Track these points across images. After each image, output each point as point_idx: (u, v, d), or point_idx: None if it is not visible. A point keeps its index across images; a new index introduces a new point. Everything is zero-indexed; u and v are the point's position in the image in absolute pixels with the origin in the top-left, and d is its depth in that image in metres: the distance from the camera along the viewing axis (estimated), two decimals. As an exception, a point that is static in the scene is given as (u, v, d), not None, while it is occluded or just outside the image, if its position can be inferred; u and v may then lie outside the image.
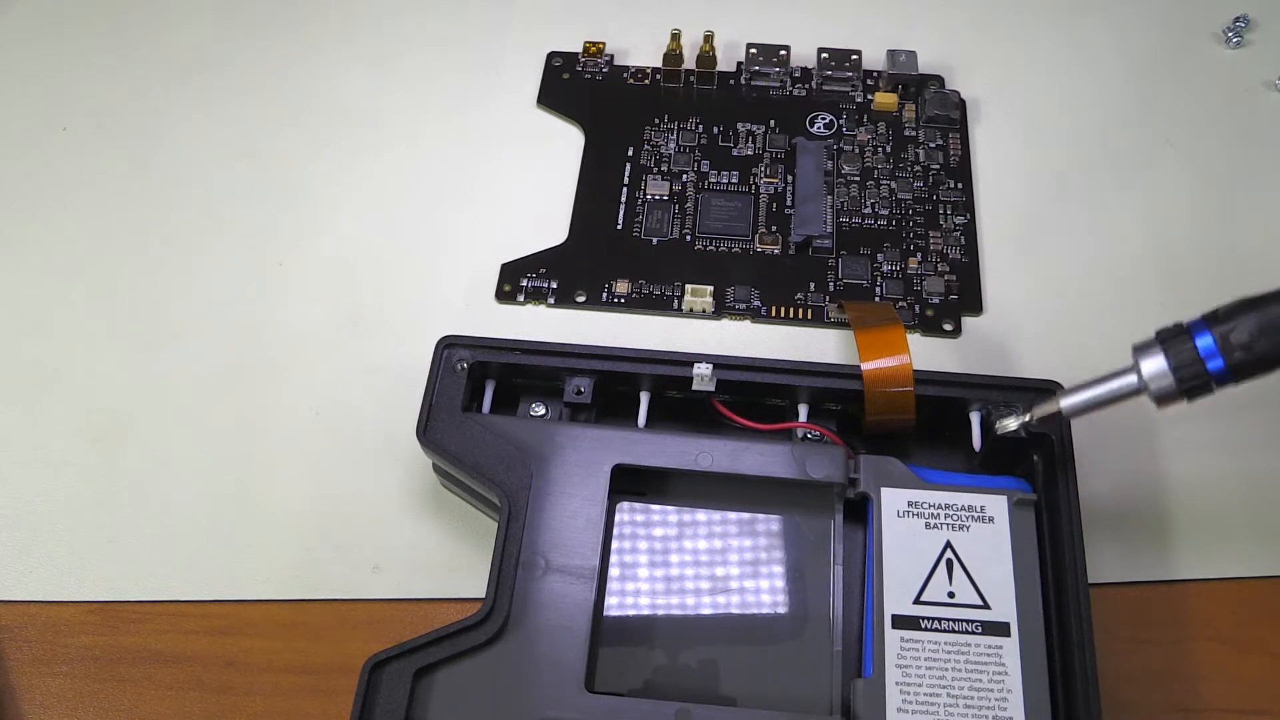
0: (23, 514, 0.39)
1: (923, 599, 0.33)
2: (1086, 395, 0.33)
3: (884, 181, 0.46)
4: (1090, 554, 0.34)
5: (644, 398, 0.37)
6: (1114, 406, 0.33)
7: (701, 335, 0.43)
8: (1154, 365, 0.31)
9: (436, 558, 0.38)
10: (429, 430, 0.36)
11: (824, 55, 0.50)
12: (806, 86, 0.50)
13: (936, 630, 0.32)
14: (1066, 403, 0.33)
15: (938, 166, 0.47)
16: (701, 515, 0.36)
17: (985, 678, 0.32)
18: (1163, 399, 0.31)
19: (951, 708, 0.31)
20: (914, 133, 0.48)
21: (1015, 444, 0.36)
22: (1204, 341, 0.30)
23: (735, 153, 0.47)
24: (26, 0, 0.53)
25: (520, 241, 0.45)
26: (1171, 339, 0.31)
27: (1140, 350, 0.32)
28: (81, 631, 0.37)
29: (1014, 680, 0.31)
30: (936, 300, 0.43)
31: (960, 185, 0.46)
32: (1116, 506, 0.38)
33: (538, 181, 0.47)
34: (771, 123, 0.48)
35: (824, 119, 0.48)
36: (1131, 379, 0.32)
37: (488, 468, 0.35)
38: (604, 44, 0.51)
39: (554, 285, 0.44)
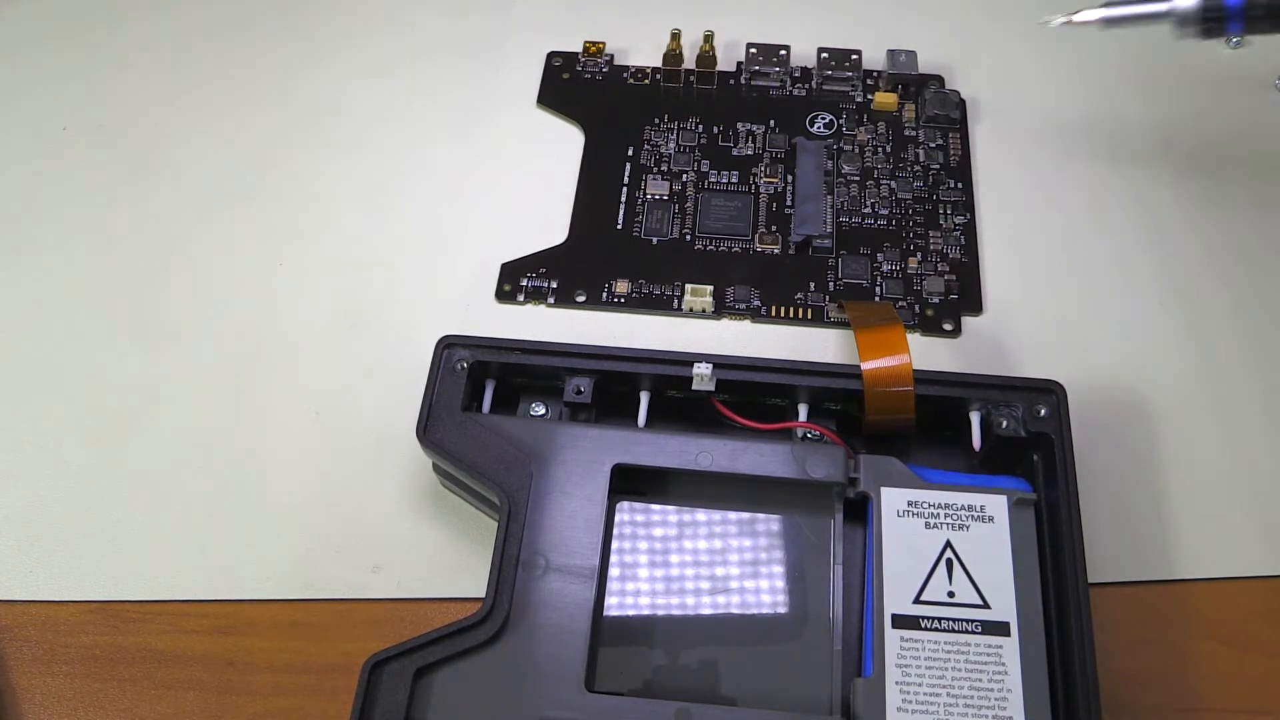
0: (23, 514, 0.39)
1: (923, 599, 0.33)
2: (1124, 10, 0.39)
3: (884, 181, 0.46)
4: (1090, 554, 0.34)
5: (644, 397, 0.37)
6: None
7: (701, 335, 0.43)
8: None
9: (436, 558, 0.38)
10: (429, 430, 0.36)
11: (824, 55, 0.50)
12: (806, 86, 0.50)
13: (936, 630, 0.32)
14: (1107, 13, 0.39)
15: (938, 166, 0.47)
16: (701, 515, 0.36)
17: (985, 677, 0.32)
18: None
19: (951, 707, 0.31)
20: (914, 133, 0.48)
21: (1015, 444, 0.36)
22: None
23: (735, 153, 0.47)
24: (26, 1, 0.53)
25: (520, 241, 0.45)
26: None
27: None
28: (81, 631, 0.37)
29: (1014, 680, 0.31)
30: (936, 300, 0.43)
31: (960, 185, 0.46)
32: (1116, 506, 0.38)
33: (538, 181, 0.47)
34: (771, 123, 0.48)
35: (824, 119, 0.48)
36: (1165, 4, 0.38)
37: (488, 468, 0.35)
38: (604, 44, 0.51)
39: (554, 285, 0.44)
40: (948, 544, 0.34)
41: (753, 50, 0.50)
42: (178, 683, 0.36)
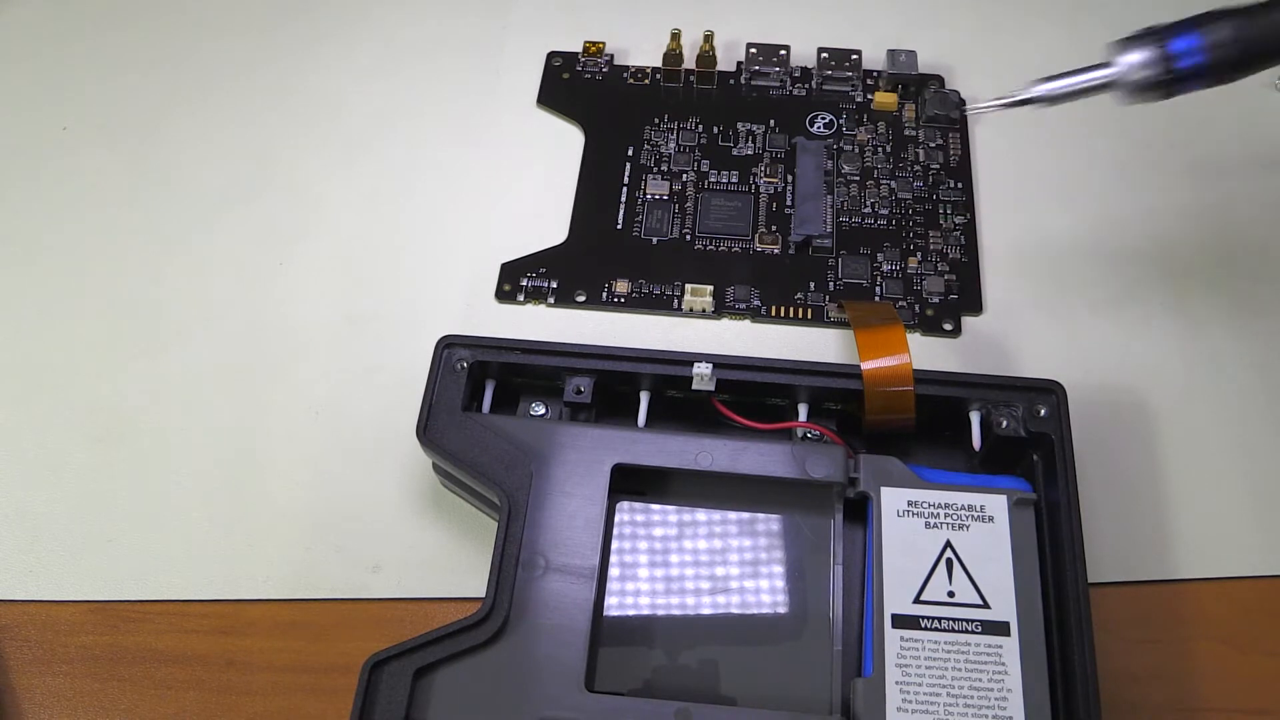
0: (23, 514, 0.39)
1: (922, 598, 0.33)
2: (1062, 85, 0.36)
3: (884, 181, 0.46)
4: (1090, 554, 0.34)
5: (644, 397, 0.37)
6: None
7: (701, 335, 0.43)
8: (1130, 58, 0.35)
9: (436, 558, 0.38)
10: (429, 430, 0.36)
11: (824, 55, 0.50)
12: (806, 86, 0.50)
13: (936, 630, 0.32)
14: (1044, 88, 0.36)
15: (938, 166, 0.47)
16: (701, 515, 0.36)
17: (985, 677, 0.32)
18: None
19: (951, 707, 0.31)
20: (914, 132, 0.48)
21: (1015, 444, 0.36)
22: (1177, 45, 0.34)
23: (735, 152, 0.47)
24: (27, 1, 0.53)
25: (520, 241, 0.45)
26: (1149, 38, 0.35)
27: (1117, 46, 0.35)
28: (81, 631, 0.37)
29: (1014, 680, 0.31)
30: (936, 300, 0.43)
31: (960, 185, 0.46)
32: (1116, 506, 0.38)
33: (538, 181, 0.47)
34: (771, 122, 0.48)
35: (824, 119, 0.48)
36: (1109, 70, 0.35)
37: (488, 467, 0.35)
38: (604, 44, 0.51)
39: (554, 285, 0.44)
40: (948, 544, 0.34)
41: (753, 50, 0.50)
42: (178, 683, 0.36)
